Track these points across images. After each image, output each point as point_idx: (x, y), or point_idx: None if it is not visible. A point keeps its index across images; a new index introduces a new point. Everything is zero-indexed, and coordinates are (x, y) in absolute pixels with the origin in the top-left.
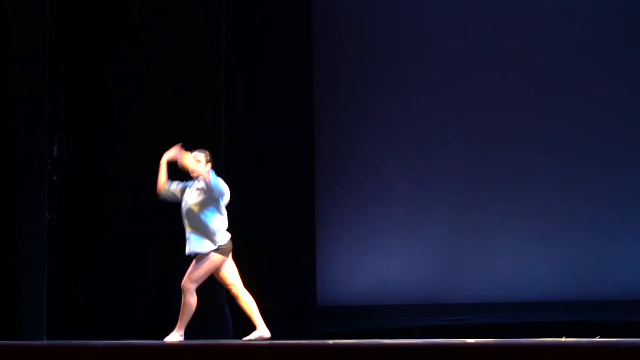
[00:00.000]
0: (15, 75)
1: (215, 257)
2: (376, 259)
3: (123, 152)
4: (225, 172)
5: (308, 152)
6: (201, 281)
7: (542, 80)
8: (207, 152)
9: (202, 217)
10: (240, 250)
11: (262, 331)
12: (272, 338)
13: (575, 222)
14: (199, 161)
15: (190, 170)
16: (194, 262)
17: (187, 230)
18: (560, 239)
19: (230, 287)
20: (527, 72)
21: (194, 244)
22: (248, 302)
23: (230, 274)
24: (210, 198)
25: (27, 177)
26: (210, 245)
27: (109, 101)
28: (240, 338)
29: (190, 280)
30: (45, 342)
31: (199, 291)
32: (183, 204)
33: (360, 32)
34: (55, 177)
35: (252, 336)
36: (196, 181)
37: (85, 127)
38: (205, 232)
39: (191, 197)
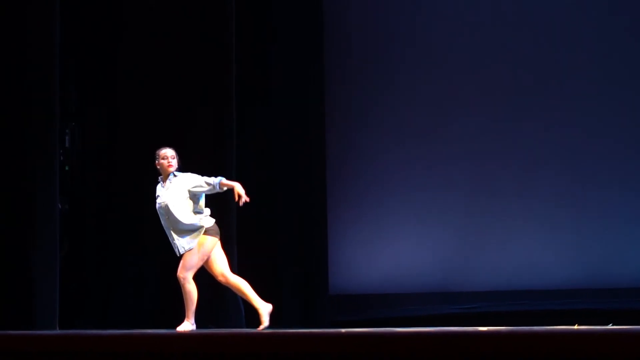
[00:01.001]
0: (27, 66)
1: (206, 241)
2: (388, 247)
3: (134, 143)
4: (237, 163)
5: (320, 142)
6: (196, 269)
7: (550, 71)
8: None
9: (185, 216)
10: (252, 240)
11: (265, 309)
12: (285, 327)
13: (587, 210)
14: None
15: (166, 167)
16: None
17: (172, 234)
18: (572, 226)
19: (219, 276)
20: (536, 65)
21: (182, 245)
22: (241, 286)
23: (219, 262)
24: (193, 196)
25: (38, 167)
26: (197, 235)
27: (120, 92)
28: (253, 327)
29: (185, 269)
30: (57, 331)
31: (211, 281)
32: (160, 205)
33: (370, 29)
34: (67, 168)
35: (264, 321)
36: (168, 180)
37: (97, 118)
38: (191, 229)
39: (170, 198)
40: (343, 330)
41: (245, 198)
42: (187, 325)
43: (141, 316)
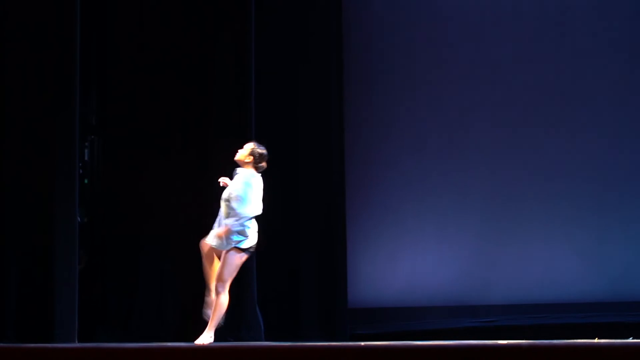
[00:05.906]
0: (47, 79)
1: (239, 254)
2: (407, 260)
3: (154, 155)
4: None
5: (338, 153)
6: (231, 279)
7: (573, 82)
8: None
9: (225, 214)
10: (271, 254)
11: (205, 338)
12: (304, 340)
13: (607, 223)
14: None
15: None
16: (218, 261)
17: (218, 219)
18: (592, 239)
19: (218, 282)
20: (560, 72)
21: (213, 238)
22: (224, 304)
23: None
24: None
25: (58, 180)
26: (230, 243)
27: (140, 104)
28: (272, 340)
29: (222, 280)
30: (76, 344)
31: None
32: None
33: (389, 32)
34: (86, 181)
35: (204, 337)
36: (235, 173)
37: (116, 131)
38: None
39: (226, 189)
40: (362, 343)
41: None
42: (206, 338)
43: (161, 328)
